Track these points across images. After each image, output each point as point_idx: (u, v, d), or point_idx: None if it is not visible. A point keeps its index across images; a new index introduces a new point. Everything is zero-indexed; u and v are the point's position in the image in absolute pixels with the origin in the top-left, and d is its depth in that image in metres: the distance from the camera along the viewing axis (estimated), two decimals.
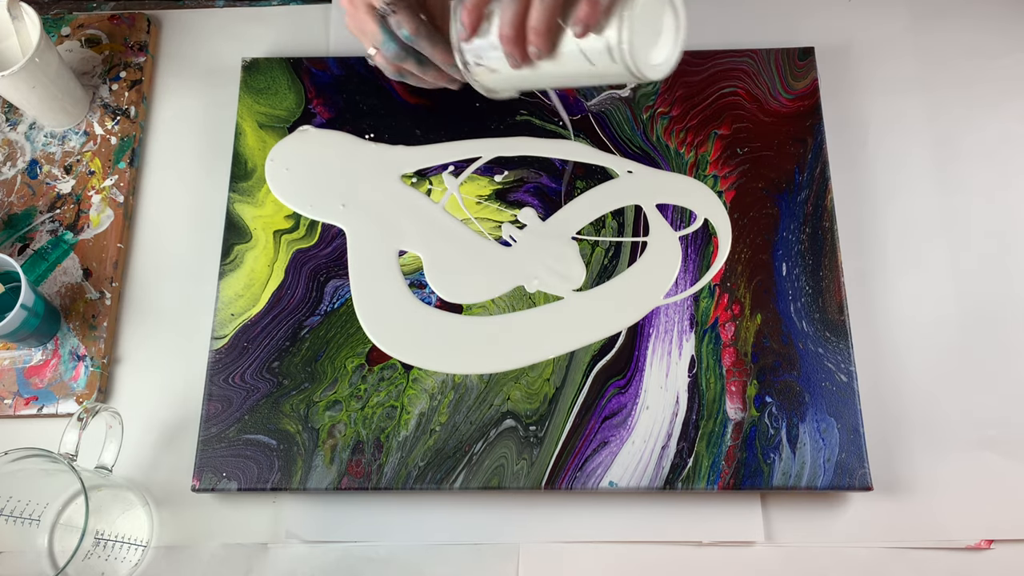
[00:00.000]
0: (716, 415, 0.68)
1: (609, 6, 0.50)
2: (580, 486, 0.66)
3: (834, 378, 0.69)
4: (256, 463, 0.68)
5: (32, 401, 0.71)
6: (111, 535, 0.66)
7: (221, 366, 0.71)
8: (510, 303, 0.72)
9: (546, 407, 0.69)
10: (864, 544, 0.67)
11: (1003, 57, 0.81)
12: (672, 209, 0.75)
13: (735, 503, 0.68)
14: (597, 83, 0.56)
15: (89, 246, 0.76)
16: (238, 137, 0.78)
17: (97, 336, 0.73)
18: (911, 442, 0.69)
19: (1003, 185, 0.77)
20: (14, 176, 0.78)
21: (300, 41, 0.84)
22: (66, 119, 0.79)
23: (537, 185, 0.76)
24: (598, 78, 0.54)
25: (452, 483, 0.67)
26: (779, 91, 0.78)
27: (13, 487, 0.63)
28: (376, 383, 0.70)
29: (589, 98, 0.79)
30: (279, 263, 0.74)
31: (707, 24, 0.83)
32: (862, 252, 0.75)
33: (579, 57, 0.52)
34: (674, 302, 0.72)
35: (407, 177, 0.77)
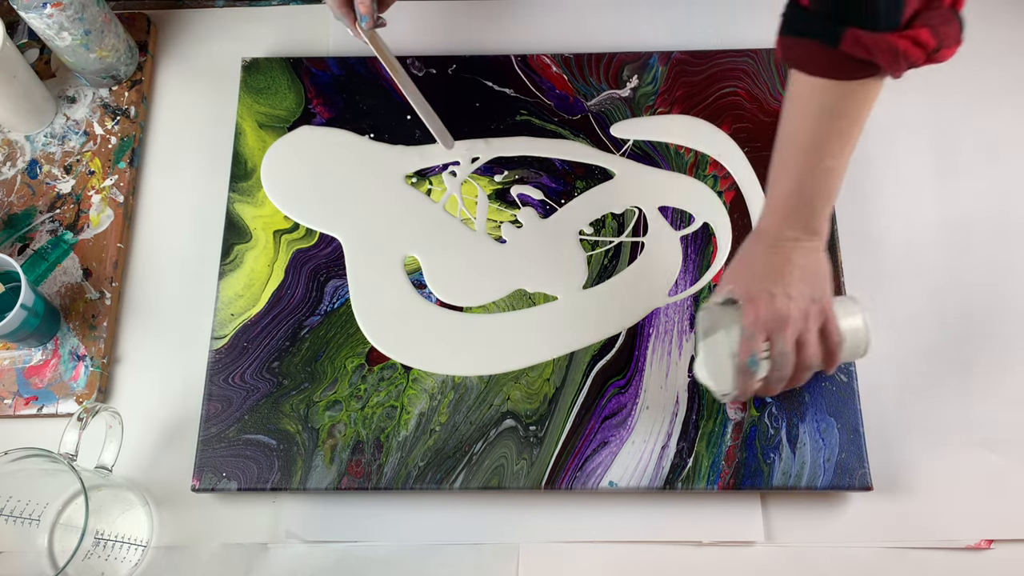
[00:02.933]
0: (716, 415, 0.68)
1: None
2: (580, 486, 0.66)
3: (834, 378, 0.69)
4: (256, 463, 0.68)
5: (32, 401, 0.71)
6: (111, 535, 0.66)
7: (221, 366, 0.71)
8: (510, 303, 0.72)
9: (546, 407, 0.69)
10: (864, 544, 0.67)
11: (1003, 56, 0.81)
12: (672, 209, 0.75)
13: (735, 503, 0.68)
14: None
15: (89, 246, 0.76)
16: (238, 137, 0.78)
17: (97, 336, 0.73)
18: (911, 442, 0.69)
19: (1003, 185, 0.77)
20: (14, 176, 0.78)
21: (300, 41, 0.84)
22: (34, 121, 0.79)
23: (537, 184, 0.76)
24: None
25: (452, 483, 0.67)
26: (779, 91, 0.78)
27: (13, 487, 0.63)
28: (376, 383, 0.70)
29: (589, 98, 0.79)
30: (279, 263, 0.74)
31: (707, 24, 0.83)
32: (862, 252, 0.75)
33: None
34: (674, 302, 0.72)
35: (407, 177, 0.77)
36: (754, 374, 0.59)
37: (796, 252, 0.60)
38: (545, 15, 0.85)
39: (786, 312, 0.58)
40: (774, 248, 0.60)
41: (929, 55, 0.52)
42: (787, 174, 0.60)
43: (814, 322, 0.59)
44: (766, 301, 0.59)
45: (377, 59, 0.72)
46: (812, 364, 0.60)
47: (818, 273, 0.60)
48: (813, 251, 0.60)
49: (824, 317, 0.59)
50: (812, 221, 0.60)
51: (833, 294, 0.61)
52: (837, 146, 0.58)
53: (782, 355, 0.59)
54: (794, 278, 0.59)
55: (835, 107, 0.56)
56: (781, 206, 0.60)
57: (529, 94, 0.79)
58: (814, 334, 0.59)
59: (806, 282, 0.59)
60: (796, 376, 0.60)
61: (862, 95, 0.56)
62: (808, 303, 0.59)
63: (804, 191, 0.59)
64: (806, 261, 0.60)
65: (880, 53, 0.52)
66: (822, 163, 0.58)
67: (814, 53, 0.54)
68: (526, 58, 0.80)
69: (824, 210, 0.60)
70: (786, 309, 0.58)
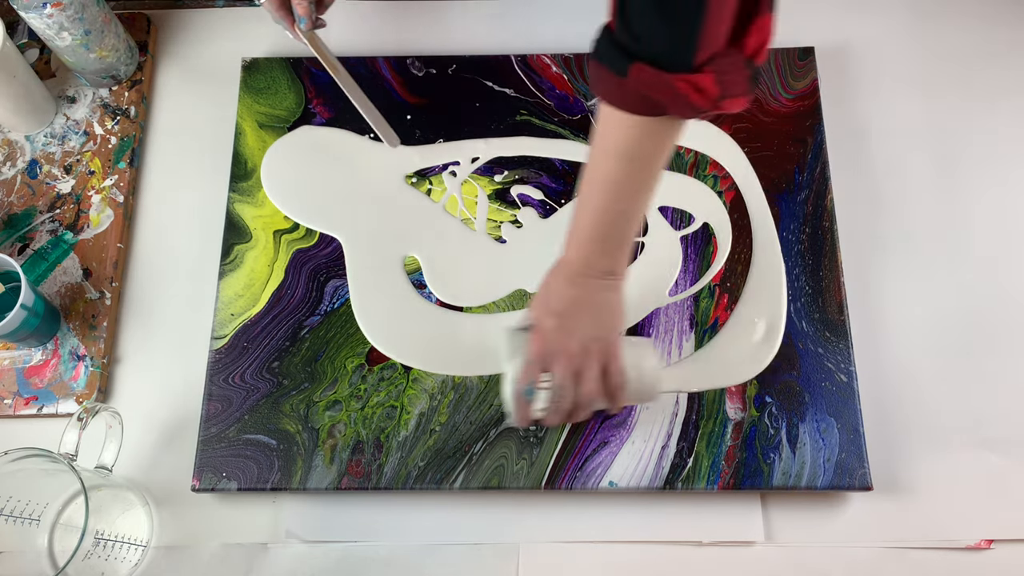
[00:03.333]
0: (716, 415, 0.68)
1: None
2: (580, 486, 0.66)
3: (834, 378, 0.69)
4: (256, 463, 0.68)
5: (32, 401, 0.71)
6: (111, 535, 0.66)
7: (221, 366, 0.71)
8: (510, 303, 0.72)
9: None
10: (864, 544, 0.67)
11: (1003, 57, 0.81)
12: (672, 209, 0.75)
13: (735, 503, 0.68)
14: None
15: (89, 246, 0.76)
16: (238, 137, 0.78)
17: (97, 336, 0.73)
18: (911, 442, 0.69)
19: (1003, 185, 0.77)
20: (14, 176, 0.78)
21: (300, 41, 0.84)
22: (34, 121, 0.79)
23: (537, 184, 0.76)
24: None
25: (452, 483, 0.67)
26: (779, 91, 0.78)
27: (13, 487, 0.63)
28: (376, 383, 0.70)
29: (589, 98, 0.79)
30: (279, 263, 0.74)
31: None
32: (862, 252, 0.75)
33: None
34: (674, 302, 0.72)
35: (407, 177, 0.77)
36: (529, 403, 0.60)
37: (590, 288, 0.59)
38: (545, 15, 0.85)
39: (567, 346, 0.58)
40: (569, 282, 0.60)
41: (715, 102, 0.50)
42: (584, 211, 0.59)
43: (596, 360, 0.59)
44: (551, 333, 0.59)
45: (378, 59, 0.72)
46: (591, 401, 0.60)
47: (610, 311, 0.60)
48: (608, 289, 0.60)
49: (608, 356, 0.59)
50: (606, 260, 0.59)
51: (625, 334, 0.61)
52: (631, 189, 0.57)
53: (559, 388, 0.59)
54: (583, 313, 0.59)
55: (631, 149, 0.55)
56: (577, 241, 0.60)
57: (529, 94, 0.79)
58: (594, 371, 0.59)
59: (595, 319, 0.59)
60: (575, 411, 0.60)
61: (658, 138, 0.55)
62: (592, 340, 0.59)
63: (598, 230, 0.59)
64: (599, 298, 0.60)
65: (661, 92, 0.50)
66: (616, 205, 0.57)
67: (607, 81, 0.52)
68: (526, 58, 0.80)
69: (619, 252, 0.60)
70: (568, 343, 0.58)
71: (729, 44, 0.49)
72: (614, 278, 0.60)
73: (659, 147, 0.55)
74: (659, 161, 0.56)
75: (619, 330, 0.61)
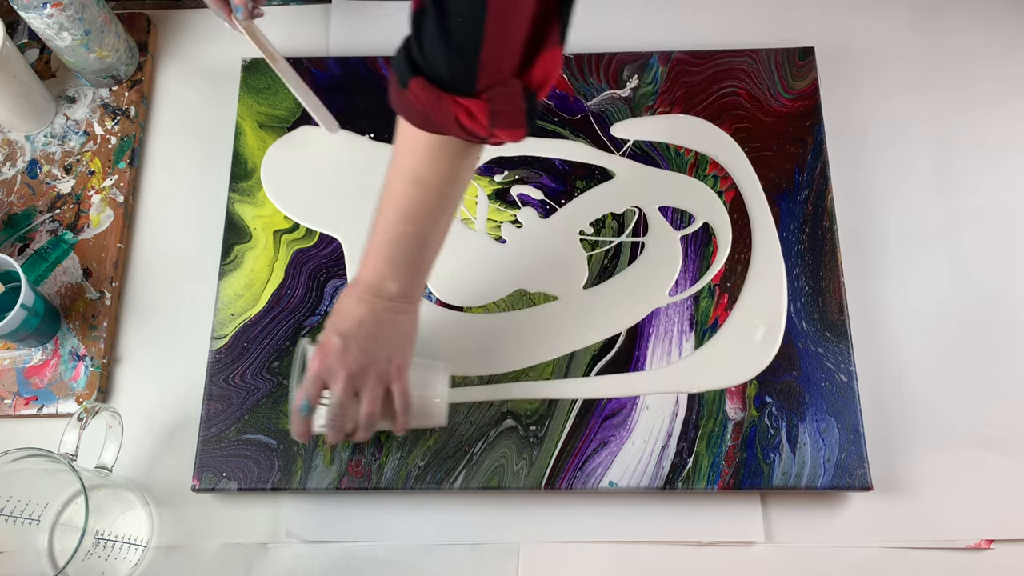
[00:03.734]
0: (716, 415, 0.68)
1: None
2: (580, 486, 0.66)
3: (834, 378, 0.69)
4: (256, 463, 0.68)
5: (32, 401, 0.71)
6: (111, 535, 0.66)
7: (221, 366, 0.70)
8: (510, 303, 0.72)
9: (546, 407, 0.69)
10: (864, 544, 0.67)
11: (1003, 57, 0.81)
12: (672, 209, 0.75)
13: (735, 503, 0.68)
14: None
15: (89, 246, 0.76)
16: (238, 137, 0.78)
17: (97, 336, 0.73)
18: (911, 442, 0.69)
19: (1003, 185, 0.77)
20: (14, 176, 0.78)
21: (300, 41, 0.84)
22: (34, 121, 0.79)
23: (537, 184, 0.76)
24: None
25: (452, 483, 0.67)
26: (779, 91, 0.78)
27: (13, 487, 0.63)
28: None
29: (589, 98, 0.79)
30: (279, 263, 0.74)
31: (707, 24, 0.83)
32: (862, 252, 0.75)
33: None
34: (674, 302, 0.72)
35: None
36: (304, 419, 0.59)
37: (378, 309, 0.59)
38: None
39: (348, 365, 0.58)
40: (358, 301, 0.59)
41: (487, 129, 0.50)
42: (375, 231, 0.59)
43: (377, 381, 0.58)
44: (333, 350, 0.58)
45: (378, 59, 0.72)
46: (371, 422, 0.59)
47: (399, 334, 0.60)
48: (397, 311, 0.59)
49: (391, 378, 0.59)
50: (396, 283, 0.59)
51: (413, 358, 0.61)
52: (419, 212, 0.56)
53: (336, 406, 0.58)
54: (370, 333, 0.58)
55: (420, 172, 0.55)
56: (369, 262, 0.59)
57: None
58: (376, 392, 0.59)
59: (381, 341, 0.59)
60: (356, 431, 0.60)
61: (448, 162, 0.54)
62: (376, 361, 0.58)
63: (387, 252, 0.58)
64: (387, 319, 0.59)
65: (435, 111, 0.50)
66: (404, 227, 0.57)
67: (394, 90, 0.52)
68: None
69: (410, 275, 0.59)
70: (349, 362, 0.58)
71: (515, 75, 0.49)
72: (405, 301, 0.60)
73: (449, 171, 0.55)
74: (450, 187, 0.56)
75: (406, 353, 0.61)
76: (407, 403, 0.60)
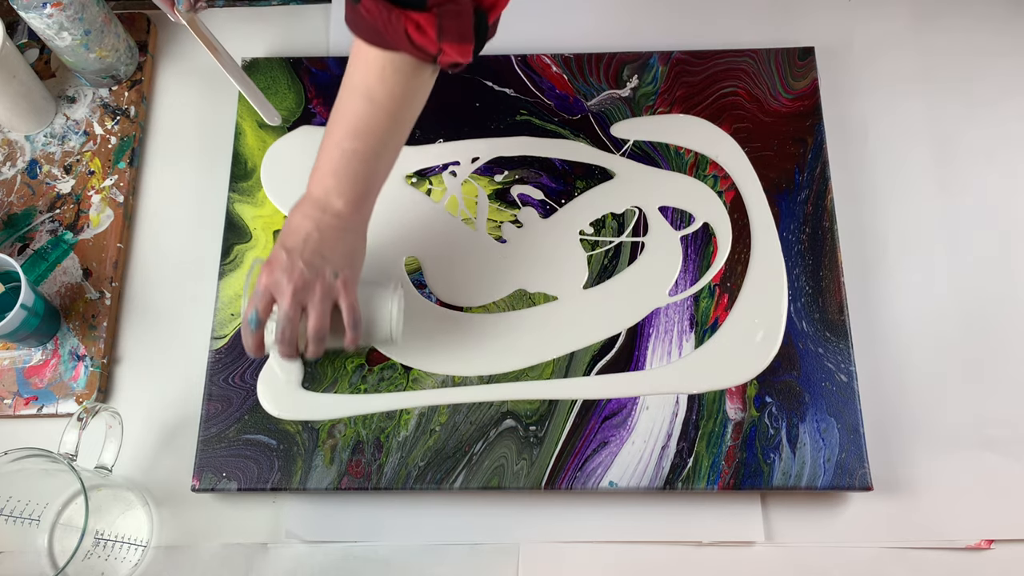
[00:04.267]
0: (716, 415, 0.68)
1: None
2: (580, 486, 0.66)
3: (834, 378, 0.69)
4: (256, 463, 0.68)
5: (32, 401, 0.71)
6: (111, 535, 0.66)
7: (221, 366, 0.71)
8: (510, 303, 0.72)
9: (546, 407, 0.69)
10: (864, 544, 0.67)
11: (1003, 56, 0.81)
12: (672, 209, 0.75)
13: (735, 503, 0.68)
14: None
15: (89, 246, 0.76)
16: (238, 137, 0.78)
17: (97, 336, 0.73)
18: (911, 442, 0.69)
19: (1003, 185, 0.77)
20: (14, 176, 0.78)
21: (300, 41, 0.84)
22: (34, 121, 0.79)
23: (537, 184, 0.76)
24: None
25: (452, 483, 0.67)
26: (779, 91, 0.78)
27: (13, 487, 0.63)
28: (376, 383, 0.70)
29: (589, 98, 0.79)
30: None
31: (707, 24, 0.83)
32: (862, 252, 0.75)
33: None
34: (674, 302, 0.72)
35: (407, 177, 0.77)
36: (253, 333, 0.60)
37: (324, 225, 0.59)
38: (545, 15, 0.85)
39: (293, 279, 0.58)
40: (305, 216, 0.60)
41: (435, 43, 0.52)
42: (324, 146, 0.60)
43: (326, 296, 0.59)
44: (279, 264, 0.59)
45: None
46: (320, 337, 0.60)
47: (344, 250, 0.61)
48: (343, 229, 0.60)
49: (339, 294, 0.60)
50: (342, 200, 0.59)
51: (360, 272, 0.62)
52: (367, 129, 0.58)
53: (283, 319, 0.59)
54: (315, 248, 0.59)
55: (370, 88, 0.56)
56: (317, 176, 0.60)
57: (529, 94, 0.79)
58: (323, 307, 0.59)
59: (328, 256, 0.59)
60: (310, 346, 0.61)
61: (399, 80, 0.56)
62: (321, 276, 0.59)
63: (334, 166, 0.59)
64: (335, 235, 0.60)
65: (385, 25, 0.51)
66: (352, 144, 0.58)
67: (347, 6, 0.54)
68: (526, 58, 0.80)
69: (356, 192, 0.60)
70: (294, 276, 0.59)
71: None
72: (351, 217, 0.60)
73: (399, 90, 0.56)
74: (400, 106, 0.57)
75: (353, 269, 0.61)
76: (356, 318, 0.61)
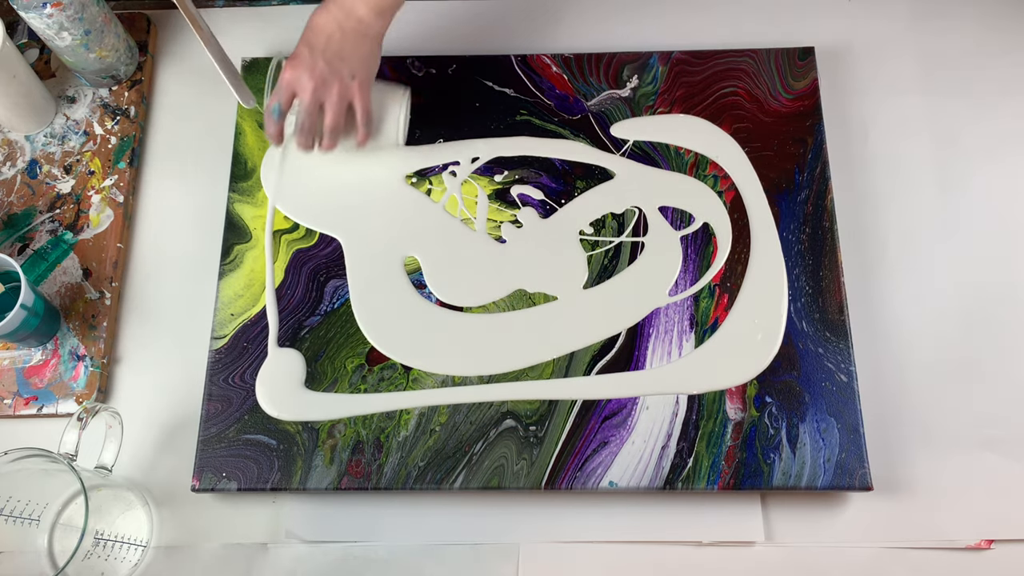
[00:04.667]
0: (716, 415, 0.68)
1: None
2: (580, 486, 0.66)
3: (834, 378, 0.69)
4: (256, 463, 0.68)
5: (32, 401, 0.71)
6: (111, 535, 0.66)
7: (221, 366, 0.71)
8: (510, 303, 0.72)
9: (546, 407, 0.69)
10: (864, 544, 0.67)
11: (1003, 57, 0.81)
12: (672, 209, 0.75)
13: (735, 503, 0.68)
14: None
15: (89, 246, 0.76)
16: (238, 137, 0.78)
17: (97, 336, 0.73)
18: (911, 442, 0.69)
19: (1003, 184, 0.77)
20: (14, 176, 0.78)
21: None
22: (34, 121, 0.79)
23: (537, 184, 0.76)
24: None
25: (452, 483, 0.67)
26: (779, 91, 0.78)
27: (13, 487, 0.63)
28: (376, 383, 0.70)
29: (589, 98, 0.79)
30: (279, 263, 0.74)
31: (707, 24, 0.83)
32: (862, 252, 0.75)
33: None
34: (674, 302, 0.72)
35: (407, 177, 0.77)
36: (276, 121, 0.68)
37: (346, 29, 0.65)
38: (545, 15, 0.85)
39: (315, 76, 0.65)
40: (330, 17, 0.66)
41: None
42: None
43: (341, 94, 0.66)
44: (301, 61, 0.66)
45: None
46: (335, 132, 0.68)
47: (361, 54, 0.66)
48: (364, 33, 0.66)
49: (354, 94, 0.67)
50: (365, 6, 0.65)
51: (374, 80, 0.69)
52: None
53: (303, 112, 0.67)
54: (336, 50, 0.65)
55: None
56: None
57: (529, 94, 0.79)
58: (340, 105, 0.67)
59: (347, 58, 0.66)
60: (324, 139, 0.69)
61: None
62: (339, 75, 0.66)
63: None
64: (354, 39, 0.66)
65: None
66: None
67: None
68: (526, 58, 0.80)
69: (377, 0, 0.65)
70: (315, 73, 0.65)
71: None
72: (372, 24, 0.66)
73: None
74: None
75: (368, 72, 0.68)
76: (368, 117, 0.68)
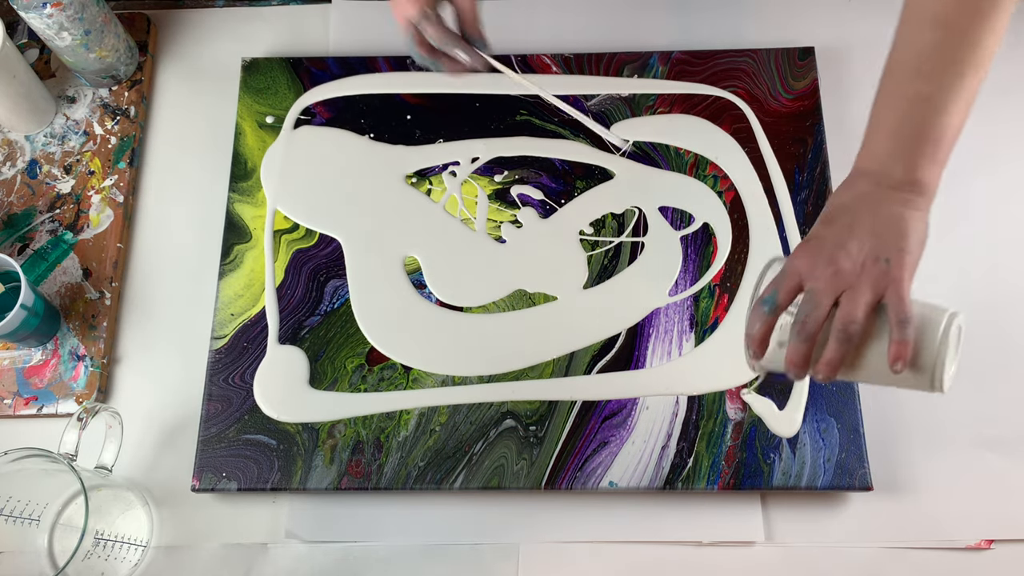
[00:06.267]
0: (716, 415, 0.68)
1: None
2: (580, 486, 0.66)
3: None
4: (256, 463, 0.68)
5: (32, 401, 0.71)
6: (111, 535, 0.66)
7: (221, 366, 0.71)
8: (510, 303, 0.72)
9: (546, 407, 0.69)
10: (864, 544, 0.67)
11: (1002, 57, 0.81)
12: (672, 209, 0.75)
13: (735, 503, 0.68)
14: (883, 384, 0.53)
15: (89, 246, 0.76)
16: (238, 137, 0.78)
17: (97, 336, 0.73)
18: (911, 442, 0.69)
19: (1002, 185, 0.77)
20: (14, 176, 0.78)
21: (300, 41, 0.84)
22: (34, 121, 0.79)
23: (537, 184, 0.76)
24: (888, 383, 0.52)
25: (452, 483, 0.67)
26: (779, 91, 0.78)
27: (13, 487, 0.63)
28: (376, 383, 0.70)
29: (589, 98, 0.79)
30: (279, 263, 0.74)
31: (707, 24, 0.83)
32: None
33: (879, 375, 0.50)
34: (674, 302, 0.72)
35: (407, 177, 0.77)
36: (765, 315, 0.49)
37: (880, 198, 0.49)
38: (545, 15, 0.85)
39: (835, 260, 0.48)
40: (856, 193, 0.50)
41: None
42: (878, 97, 0.50)
43: (871, 284, 0.47)
44: (815, 244, 0.49)
45: (378, 58, 0.72)
46: (849, 333, 0.47)
47: (899, 229, 0.48)
48: (904, 203, 0.49)
49: (889, 285, 0.47)
50: (901, 164, 0.49)
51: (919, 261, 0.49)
52: (936, 65, 0.47)
53: (807, 303, 0.48)
54: (863, 227, 0.48)
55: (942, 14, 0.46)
56: (868, 141, 0.51)
57: (529, 94, 0.79)
58: (865, 297, 0.47)
59: (880, 236, 0.48)
60: (830, 346, 0.48)
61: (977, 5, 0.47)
62: (870, 260, 0.48)
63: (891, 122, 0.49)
64: (886, 211, 0.49)
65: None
66: (913, 86, 0.48)
67: None
68: (526, 58, 0.80)
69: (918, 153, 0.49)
70: (836, 257, 0.48)
71: None
72: (912, 191, 0.49)
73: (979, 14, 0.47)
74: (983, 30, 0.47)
75: (910, 257, 0.48)
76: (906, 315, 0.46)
